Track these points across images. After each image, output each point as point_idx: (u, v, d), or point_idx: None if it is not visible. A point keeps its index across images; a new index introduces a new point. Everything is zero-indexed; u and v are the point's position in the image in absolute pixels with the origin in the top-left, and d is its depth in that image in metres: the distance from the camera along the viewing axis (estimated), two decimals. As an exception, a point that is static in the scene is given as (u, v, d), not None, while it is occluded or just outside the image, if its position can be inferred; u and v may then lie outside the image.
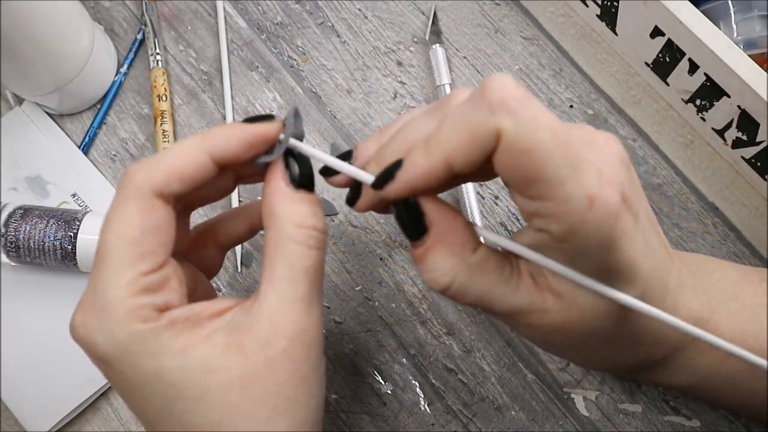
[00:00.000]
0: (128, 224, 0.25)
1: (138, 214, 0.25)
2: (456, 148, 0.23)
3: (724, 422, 0.39)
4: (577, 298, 0.25)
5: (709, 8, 0.39)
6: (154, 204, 0.25)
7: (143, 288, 0.25)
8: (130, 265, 0.25)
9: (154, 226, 0.25)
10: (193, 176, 0.26)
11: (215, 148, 0.26)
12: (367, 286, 0.42)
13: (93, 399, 0.41)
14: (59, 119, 0.47)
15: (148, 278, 0.25)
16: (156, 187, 0.25)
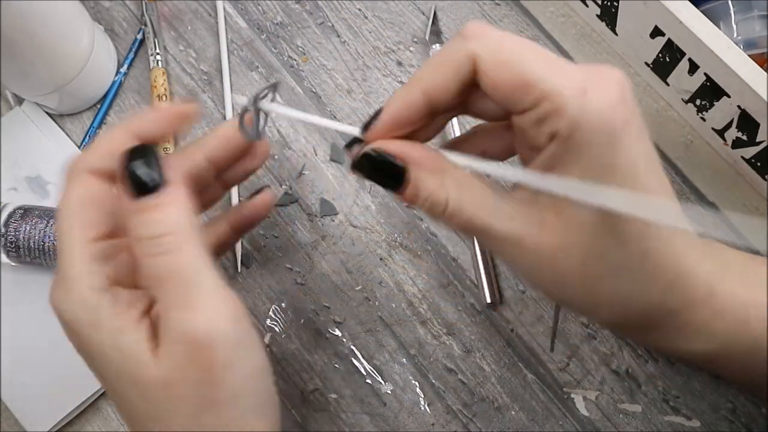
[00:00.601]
0: (70, 199, 0.27)
1: (76, 190, 0.27)
2: (432, 77, 0.26)
3: (724, 422, 0.39)
4: (577, 212, 0.25)
5: (709, 8, 0.39)
6: (89, 180, 0.27)
7: (93, 255, 0.26)
8: (77, 234, 0.27)
9: (91, 198, 0.27)
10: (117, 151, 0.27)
11: (135, 126, 0.28)
12: (367, 286, 0.42)
13: (93, 399, 0.41)
14: (59, 119, 0.47)
15: (96, 246, 0.27)
16: (89, 166, 0.27)
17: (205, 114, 0.47)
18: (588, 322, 0.41)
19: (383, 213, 0.44)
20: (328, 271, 0.43)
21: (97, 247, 0.27)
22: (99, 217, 0.27)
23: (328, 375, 0.41)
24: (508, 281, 0.42)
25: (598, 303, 0.27)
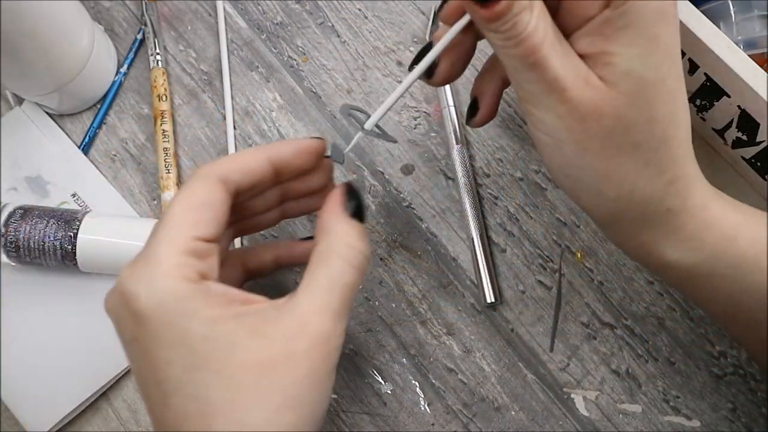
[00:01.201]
0: (190, 196, 0.29)
1: (200, 190, 0.29)
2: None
3: (724, 422, 0.39)
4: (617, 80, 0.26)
5: (709, 8, 0.39)
6: (216, 186, 0.29)
7: (191, 250, 0.27)
8: (184, 229, 0.28)
9: (211, 201, 0.29)
10: (251, 170, 0.30)
11: (273, 152, 0.31)
12: (367, 286, 0.42)
13: (93, 399, 0.41)
14: (59, 119, 0.47)
15: (198, 244, 0.28)
16: (220, 174, 0.29)
17: (205, 114, 0.47)
18: (588, 322, 0.41)
19: (383, 213, 0.44)
20: (328, 271, 0.43)
21: (196, 245, 0.28)
22: (209, 221, 0.28)
23: (328, 375, 0.41)
24: (508, 281, 0.42)
25: (609, 178, 0.28)
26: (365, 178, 0.44)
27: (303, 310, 0.27)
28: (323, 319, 0.27)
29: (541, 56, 0.26)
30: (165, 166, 0.44)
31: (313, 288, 0.28)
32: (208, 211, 0.28)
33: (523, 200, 0.43)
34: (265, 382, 0.26)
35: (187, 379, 0.26)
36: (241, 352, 0.26)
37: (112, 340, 0.29)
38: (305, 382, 0.27)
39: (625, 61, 0.26)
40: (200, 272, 0.27)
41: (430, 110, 0.45)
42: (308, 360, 0.27)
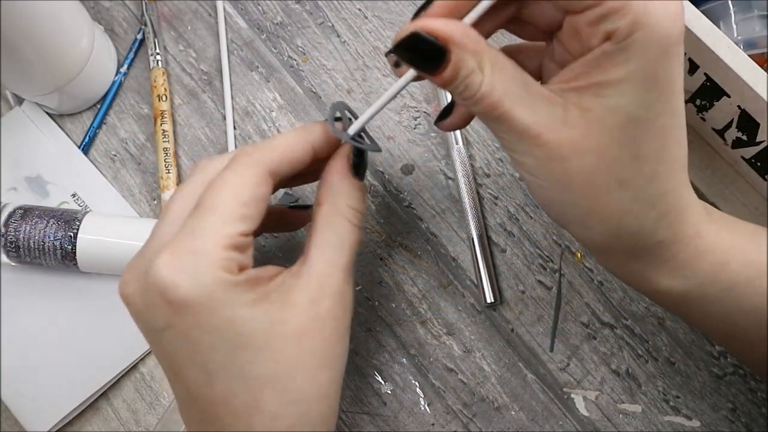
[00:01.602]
0: (243, 187, 0.29)
1: (253, 182, 0.29)
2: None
3: (724, 422, 0.39)
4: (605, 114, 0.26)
5: (709, 8, 0.39)
6: (266, 179, 0.29)
7: (236, 245, 0.28)
8: (233, 223, 0.28)
9: (261, 197, 0.29)
10: (298, 161, 0.31)
11: (312, 137, 0.31)
12: (367, 286, 0.42)
13: (93, 399, 0.41)
14: (59, 119, 0.47)
15: (242, 239, 0.28)
16: (270, 165, 0.30)
17: (205, 114, 0.47)
18: (588, 322, 0.41)
19: (383, 213, 0.44)
20: (328, 271, 0.43)
21: (242, 240, 0.28)
22: (256, 218, 0.29)
23: (328, 375, 0.41)
24: (508, 281, 0.42)
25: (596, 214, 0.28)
26: (365, 178, 0.44)
27: (319, 273, 0.29)
28: (337, 279, 0.29)
29: (504, 111, 0.26)
30: (165, 166, 0.44)
31: (325, 249, 0.30)
32: (257, 208, 0.29)
33: (523, 200, 0.43)
34: (301, 349, 0.28)
35: (231, 360, 0.27)
36: (278, 326, 0.28)
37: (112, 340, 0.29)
38: (332, 339, 0.29)
39: (615, 96, 0.25)
40: (241, 264, 0.28)
41: (430, 110, 0.45)
42: (332, 319, 0.29)
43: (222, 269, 0.27)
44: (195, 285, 0.27)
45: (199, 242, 0.27)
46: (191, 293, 0.27)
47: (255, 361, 0.27)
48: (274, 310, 0.28)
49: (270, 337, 0.28)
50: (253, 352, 0.27)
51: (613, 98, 0.25)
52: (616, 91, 0.25)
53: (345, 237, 0.30)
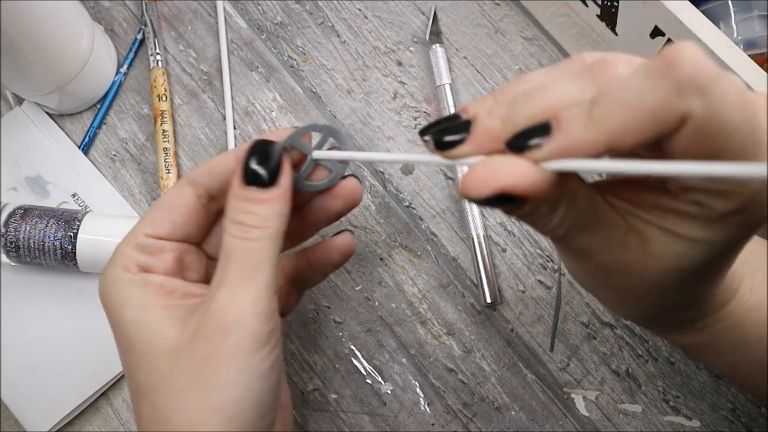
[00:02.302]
0: (162, 197, 0.30)
1: (169, 193, 0.30)
2: (626, 128, 0.19)
3: (724, 422, 0.39)
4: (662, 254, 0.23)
5: (709, 8, 0.39)
6: (184, 189, 0.30)
7: (139, 245, 0.29)
8: (140, 226, 0.29)
9: (173, 203, 0.30)
10: (219, 170, 0.30)
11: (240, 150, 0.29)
12: (367, 286, 0.42)
13: (93, 399, 0.41)
14: (59, 119, 0.47)
15: (147, 240, 0.29)
16: (190, 177, 0.30)
17: (205, 114, 0.47)
18: (588, 322, 0.41)
19: (383, 213, 0.44)
20: (328, 271, 0.43)
21: (145, 240, 0.29)
22: (164, 221, 0.30)
23: (328, 375, 0.41)
24: (508, 281, 0.42)
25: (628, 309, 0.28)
26: (365, 178, 0.44)
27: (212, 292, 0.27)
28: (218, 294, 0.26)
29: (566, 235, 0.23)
30: (165, 166, 0.44)
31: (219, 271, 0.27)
32: (166, 212, 0.30)
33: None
34: (173, 367, 0.27)
35: (124, 360, 0.28)
36: (159, 338, 0.27)
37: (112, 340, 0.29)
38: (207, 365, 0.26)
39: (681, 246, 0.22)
40: (142, 264, 0.29)
41: (430, 110, 0.45)
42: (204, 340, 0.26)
43: (120, 267, 0.28)
44: (101, 281, 0.29)
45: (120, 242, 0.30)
46: (100, 289, 0.29)
47: (138, 366, 0.27)
48: (162, 323, 0.27)
49: (151, 346, 0.27)
50: (137, 357, 0.27)
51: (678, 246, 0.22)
52: (685, 244, 0.22)
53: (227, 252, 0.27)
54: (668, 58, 0.19)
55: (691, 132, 0.19)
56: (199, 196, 0.30)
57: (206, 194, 0.30)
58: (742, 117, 0.19)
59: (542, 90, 0.22)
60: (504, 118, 0.22)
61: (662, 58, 0.19)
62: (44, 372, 0.41)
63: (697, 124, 0.19)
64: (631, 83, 0.20)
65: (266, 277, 0.27)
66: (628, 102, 0.20)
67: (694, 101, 0.19)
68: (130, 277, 0.28)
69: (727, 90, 0.19)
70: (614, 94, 0.20)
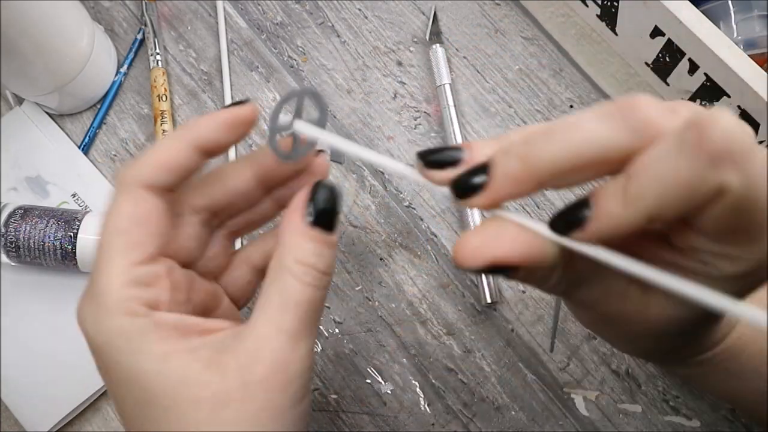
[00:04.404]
0: (117, 216, 0.26)
1: (126, 206, 0.26)
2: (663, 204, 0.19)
3: (724, 422, 0.39)
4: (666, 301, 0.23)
5: (709, 8, 0.39)
6: (142, 196, 0.26)
7: (133, 279, 0.25)
8: (120, 255, 0.25)
9: (141, 216, 0.26)
10: (178, 165, 0.26)
11: (195, 135, 0.26)
12: (367, 286, 0.42)
13: (93, 399, 0.41)
14: (59, 119, 0.47)
15: (139, 270, 0.25)
16: (143, 179, 0.26)
17: (205, 114, 0.47)
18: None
19: (383, 213, 0.44)
20: (328, 271, 0.43)
21: (140, 271, 0.25)
22: (147, 238, 0.26)
23: (328, 375, 0.41)
24: (508, 281, 0.42)
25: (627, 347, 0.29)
26: (365, 178, 0.44)
27: (257, 335, 0.25)
28: (278, 344, 0.25)
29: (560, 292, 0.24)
30: (165, 166, 0.44)
31: (267, 308, 0.25)
32: (141, 228, 0.26)
33: (523, 199, 0.43)
34: (217, 418, 0.24)
35: (139, 414, 0.25)
36: (193, 388, 0.24)
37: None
38: (262, 415, 0.24)
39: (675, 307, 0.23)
40: (147, 302, 0.25)
41: (430, 110, 0.45)
42: (264, 390, 0.24)
43: (122, 313, 0.25)
44: (97, 332, 0.25)
45: (95, 285, 0.25)
46: (95, 340, 0.25)
47: (161, 421, 0.24)
48: (193, 369, 0.24)
49: (180, 398, 0.24)
50: (160, 411, 0.24)
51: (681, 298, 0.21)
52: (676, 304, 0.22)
53: (291, 297, 0.25)
54: (701, 128, 0.18)
55: (728, 205, 0.19)
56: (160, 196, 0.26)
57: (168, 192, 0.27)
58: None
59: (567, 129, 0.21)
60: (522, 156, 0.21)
61: (695, 128, 0.18)
62: (44, 372, 0.41)
63: (734, 198, 0.18)
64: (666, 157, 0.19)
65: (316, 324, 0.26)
66: (664, 178, 0.19)
67: (731, 174, 0.18)
68: (141, 323, 0.25)
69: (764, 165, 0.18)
70: (649, 169, 0.19)
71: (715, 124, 0.18)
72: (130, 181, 0.26)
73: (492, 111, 0.45)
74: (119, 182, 0.26)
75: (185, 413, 0.24)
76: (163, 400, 0.24)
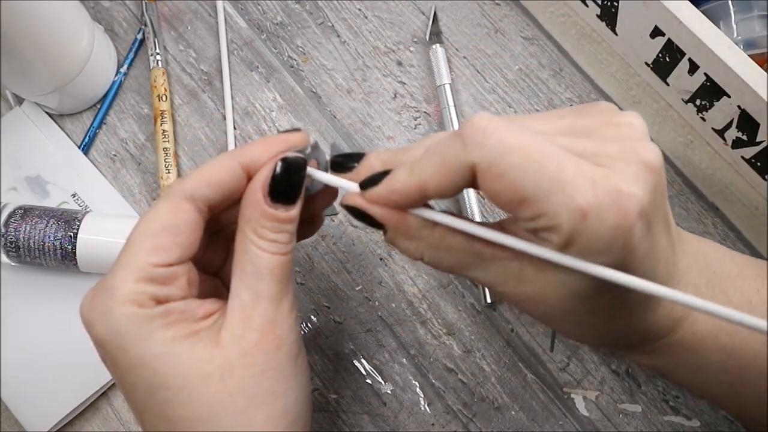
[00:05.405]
0: (153, 220, 0.27)
1: (164, 212, 0.27)
2: (431, 177, 0.25)
3: (724, 422, 0.39)
4: (558, 281, 0.26)
5: (709, 8, 0.39)
6: (182, 206, 0.28)
7: (148, 277, 0.26)
8: (143, 255, 0.27)
9: (175, 224, 0.27)
10: (222, 182, 0.28)
11: (245, 157, 0.28)
12: (367, 286, 0.42)
13: (93, 399, 0.41)
14: (59, 119, 0.47)
15: (156, 270, 0.27)
16: (186, 191, 0.28)
17: (205, 114, 0.47)
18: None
19: (383, 213, 0.44)
20: (328, 271, 0.43)
21: (154, 271, 0.27)
22: (174, 246, 0.27)
23: (328, 375, 0.41)
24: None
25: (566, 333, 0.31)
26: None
27: (241, 305, 0.27)
28: (263, 308, 0.27)
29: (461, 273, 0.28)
30: (165, 166, 0.44)
31: (244, 279, 0.27)
32: (171, 236, 0.27)
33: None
34: (226, 388, 0.26)
35: (152, 399, 0.26)
36: (201, 364, 0.26)
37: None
38: (265, 377, 0.27)
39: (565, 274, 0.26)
40: (157, 297, 0.27)
41: (430, 110, 0.45)
42: (261, 354, 0.27)
43: (132, 303, 0.26)
44: (105, 322, 0.26)
45: (110, 279, 0.27)
46: (102, 331, 0.26)
47: (175, 401, 0.26)
48: (198, 349, 0.26)
49: (190, 376, 0.26)
50: (173, 393, 0.26)
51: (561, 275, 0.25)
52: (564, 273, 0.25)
53: (263, 265, 0.27)
54: (464, 124, 0.25)
55: (483, 177, 0.24)
56: (200, 211, 0.28)
57: (207, 209, 0.28)
58: (526, 159, 0.23)
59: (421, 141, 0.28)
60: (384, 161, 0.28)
61: (463, 124, 0.25)
62: (44, 372, 0.41)
63: (483, 170, 0.24)
64: (440, 143, 0.25)
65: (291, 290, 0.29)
66: (434, 156, 0.25)
67: (475, 152, 0.24)
68: (149, 312, 0.26)
69: (504, 139, 0.23)
70: (429, 151, 0.26)
71: (471, 120, 0.24)
72: (177, 192, 0.28)
73: (492, 111, 0.45)
74: (166, 191, 0.29)
75: (196, 389, 0.26)
76: (174, 380, 0.26)
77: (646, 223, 0.24)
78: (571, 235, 0.23)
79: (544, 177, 0.23)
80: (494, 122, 0.24)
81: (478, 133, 0.24)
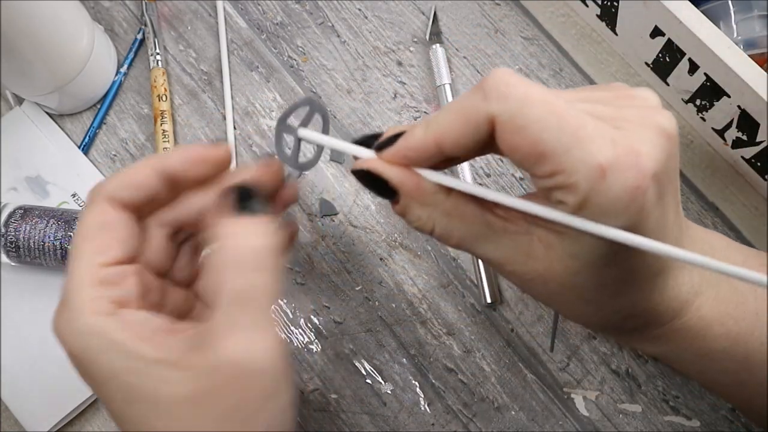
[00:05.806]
0: (84, 225, 0.28)
1: (92, 215, 0.28)
2: (448, 130, 0.25)
3: (724, 422, 0.39)
4: (563, 256, 0.26)
5: (709, 8, 0.39)
6: (106, 207, 0.28)
7: (100, 279, 0.26)
8: (87, 258, 0.27)
9: (106, 223, 0.27)
10: (140, 185, 0.28)
11: (162, 164, 0.28)
12: (367, 286, 0.42)
13: (93, 399, 0.41)
14: (59, 119, 0.47)
15: (105, 270, 0.27)
16: (108, 193, 0.28)
17: (205, 114, 0.47)
18: (588, 322, 0.41)
19: (383, 213, 0.44)
20: (328, 271, 0.43)
21: (106, 272, 0.26)
22: (112, 242, 0.27)
23: (328, 375, 0.41)
24: (508, 281, 0.42)
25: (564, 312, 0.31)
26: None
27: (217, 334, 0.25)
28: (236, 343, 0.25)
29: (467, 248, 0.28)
30: (165, 166, 0.44)
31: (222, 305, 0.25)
32: (106, 234, 0.27)
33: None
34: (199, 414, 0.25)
35: (129, 411, 0.26)
36: (171, 386, 0.25)
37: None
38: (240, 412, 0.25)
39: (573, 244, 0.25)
40: (115, 300, 0.26)
41: (430, 110, 0.45)
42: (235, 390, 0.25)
43: (91, 313, 0.25)
44: (72, 336, 0.26)
45: (66, 291, 0.27)
46: (71, 346, 0.26)
47: (148, 416, 0.25)
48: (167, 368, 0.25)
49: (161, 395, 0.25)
50: (146, 407, 0.25)
51: (572, 247, 0.25)
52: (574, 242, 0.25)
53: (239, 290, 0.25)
54: (484, 77, 0.24)
55: (502, 129, 0.23)
56: (125, 210, 0.28)
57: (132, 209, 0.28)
58: (548, 113, 0.23)
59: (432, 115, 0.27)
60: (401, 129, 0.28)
61: (484, 78, 0.24)
62: (44, 372, 0.41)
63: (503, 122, 0.23)
64: (459, 98, 0.25)
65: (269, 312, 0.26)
66: (452, 110, 0.25)
67: (495, 104, 0.23)
68: (106, 322, 0.25)
69: (527, 92, 0.23)
70: (447, 106, 0.25)
71: (492, 72, 0.24)
72: (98, 194, 0.28)
73: (492, 111, 0.45)
74: (89, 197, 0.28)
75: (168, 409, 0.25)
76: (147, 395, 0.25)
77: (658, 188, 0.24)
78: (587, 194, 0.23)
79: (565, 132, 0.22)
80: (516, 76, 0.24)
81: (502, 84, 0.23)
